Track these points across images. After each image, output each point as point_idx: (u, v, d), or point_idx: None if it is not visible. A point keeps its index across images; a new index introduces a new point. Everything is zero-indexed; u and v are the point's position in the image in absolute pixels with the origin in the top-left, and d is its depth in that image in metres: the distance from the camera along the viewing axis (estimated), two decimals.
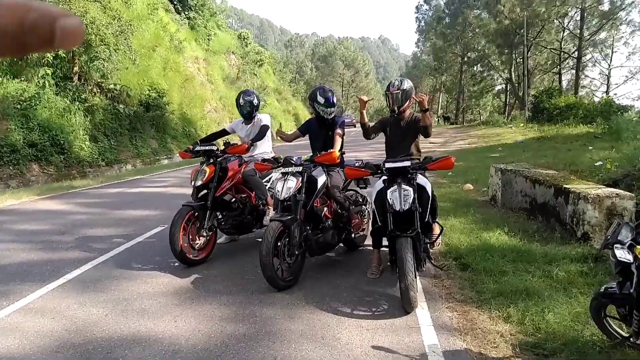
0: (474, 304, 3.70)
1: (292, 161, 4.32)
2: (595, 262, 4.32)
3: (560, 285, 3.89)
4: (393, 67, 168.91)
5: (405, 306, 3.52)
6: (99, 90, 15.62)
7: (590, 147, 11.31)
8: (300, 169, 4.19)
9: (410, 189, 3.68)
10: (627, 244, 2.29)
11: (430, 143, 23.48)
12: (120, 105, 16.15)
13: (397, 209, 3.64)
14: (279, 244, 3.91)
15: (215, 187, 4.76)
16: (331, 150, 4.36)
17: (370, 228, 5.03)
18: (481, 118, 51.27)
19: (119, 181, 11.68)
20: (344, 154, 4.95)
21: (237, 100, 5.41)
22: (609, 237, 2.45)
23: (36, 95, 12.61)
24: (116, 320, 3.45)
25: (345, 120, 5.25)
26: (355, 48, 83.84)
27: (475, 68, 47.87)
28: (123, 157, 15.40)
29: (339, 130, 4.69)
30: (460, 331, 3.29)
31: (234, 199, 5.04)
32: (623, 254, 2.25)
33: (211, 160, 4.87)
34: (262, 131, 5.26)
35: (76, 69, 14.65)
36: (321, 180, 4.27)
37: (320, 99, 4.68)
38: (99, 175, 13.26)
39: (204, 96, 24.41)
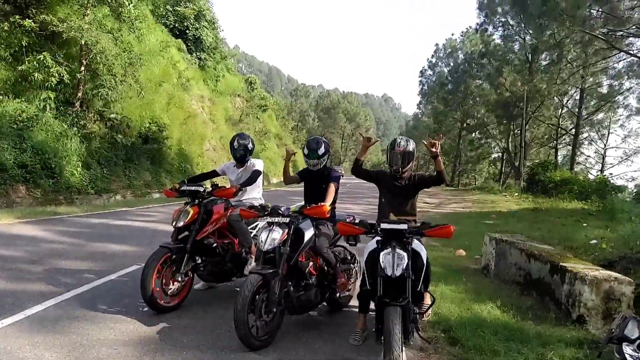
0: None
1: (280, 211, 4.07)
2: (592, 350, 4.05)
3: None
4: (394, 125, 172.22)
5: None
6: (99, 118, 15.60)
7: (584, 224, 11.20)
8: (287, 220, 3.95)
9: (405, 254, 3.45)
10: (637, 343, 2.07)
11: (424, 203, 23.43)
12: (119, 135, 16.09)
13: (389, 274, 3.40)
14: (256, 298, 3.62)
15: (197, 230, 4.53)
16: (322, 203, 4.13)
17: (357, 288, 4.75)
18: (476, 183, 51.70)
19: (104, 211, 11.38)
20: (335, 208, 4.71)
21: (232, 142, 5.29)
22: (613, 330, 2.24)
23: (34, 117, 12.55)
24: None
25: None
26: (358, 103, 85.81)
27: (473, 134, 48.79)
28: (114, 187, 15.15)
29: (333, 184, 4.49)
30: None
31: (215, 244, 4.76)
32: (634, 354, 2.02)
33: (196, 202, 4.67)
34: (254, 176, 5.11)
35: (79, 95, 14.68)
36: (309, 234, 4.05)
37: (306, 150, 4.52)
38: (86, 203, 12.95)
39: (204, 134, 24.52)
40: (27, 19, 12.92)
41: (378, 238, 3.67)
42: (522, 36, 35.43)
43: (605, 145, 41.15)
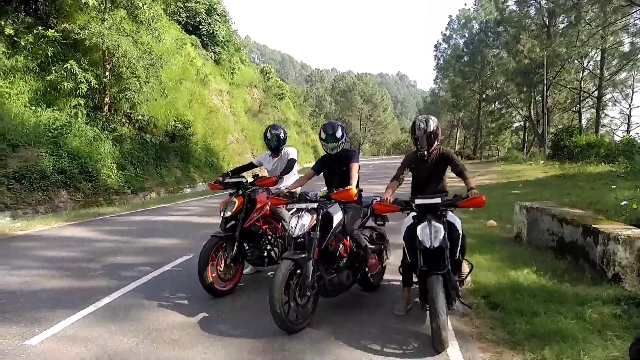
0: (507, 345, 3.64)
1: (308, 197, 4.20)
2: (630, 305, 4.23)
3: (594, 328, 3.81)
4: (411, 103, 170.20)
5: (436, 346, 3.47)
6: (127, 121, 16.11)
7: (613, 187, 11.14)
8: (315, 205, 4.04)
9: (441, 226, 3.69)
10: None
11: (449, 178, 23.41)
12: (147, 135, 16.59)
13: (428, 245, 3.64)
14: (290, 283, 3.76)
15: (243, 218, 4.84)
16: (348, 187, 4.10)
17: (388, 267, 5.15)
18: (499, 154, 51.00)
19: (144, 209, 11.88)
20: (362, 190, 4.72)
21: (265, 134, 5.54)
22: None
23: (67, 124, 13.07)
24: (147, 350, 3.49)
25: None
26: (373, 84, 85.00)
27: (493, 105, 47.98)
28: (148, 186, 15.69)
29: (354, 164, 4.41)
30: None
31: (261, 230, 5.07)
32: None
33: (240, 192, 4.98)
34: (290, 164, 5.37)
35: (107, 99, 15.17)
36: (337, 217, 4.11)
37: (322, 134, 4.49)
38: (125, 202, 13.51)
39: (227, 127, 24.91)
40: (49, 29, 13.39)
41: (414, 214, 3.91)
42: (537, 0, 34.55)
43: (630, 105, 40.10)
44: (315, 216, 3.96)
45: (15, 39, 12.99)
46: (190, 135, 19.10)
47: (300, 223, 3.92)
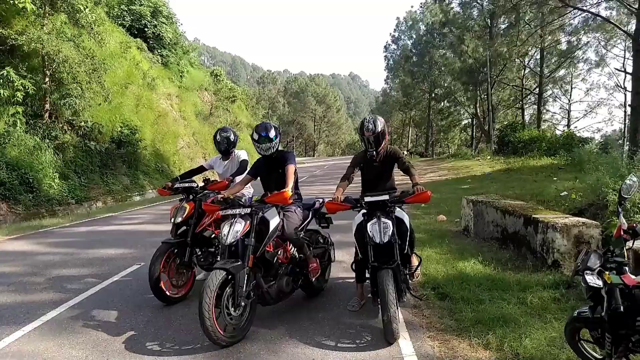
0: (454, 333, 3.79)
1: (241, 202, 4.11)
2: (567, 289, 4.50)
3: (535, 312, 4.04)
4: (363, 103, 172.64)
5: (388, 338, 3.57)
6: (70, 128, 15.43)
7: (555, 178, 11.79)
8: (249, 210, 3.87)
9: (389, 222, 3.79)
10: (596, 270, 2.43)
11: (402, 176, 23.94)
12: (92, 143, 15.96)
13: (377, 241, 3.73)
14: (222, 293, 3.52)
15: (195, 224, 4.77)
16: (283, 190, 3.94)
17: (340, 263, 5.33)
18: (450, 151, 52.72)
19: (89, 219, 11.42)
20: (299, 193, 4.65)
21: (215, 137, 5.49)
22: (579, 264, 2.58)
23: (5, 134, 12.40)
24: None
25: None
26: (326, 84, 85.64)
27: (442, 104, 49.62)
28: (93, 195, 15.08)
29: (290, 165, 4.30)
30: (442, 359, 3.36)
31: (213, 235, 5.00)
32: (593, 280, 2.39)
33: (191, 197, 4.91)
34: (243, 166, 5.32)
35: (47, 106, 14.48)
36: (274, 222, 3.96)
37: (255, 135, 4.32)
38: (69, 213, 12.92)
39: (177, 132, 24.35)
40: None
41: (364, 211, 4.00)
42: (479, 2, 35.99)
43: (569, 100, 42.48)
44: (249, 222, 3.79)
45: None
46: (138, 140, 18.53)
47: (233, 230, 3.73)
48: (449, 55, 43.98)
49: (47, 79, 14.16)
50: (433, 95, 48.94)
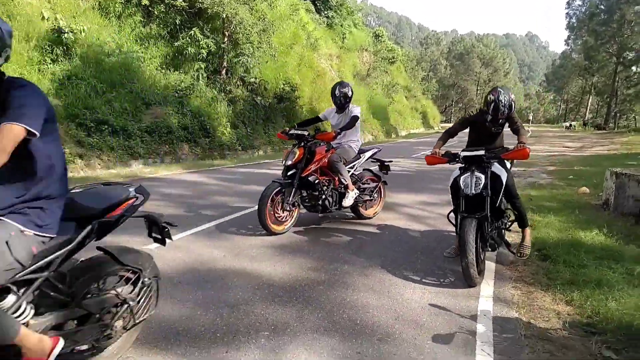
0: (541, 287, 3.93)
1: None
2: None
3: (638, 282, 3.89)
4: (540, 66, 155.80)
5: (467, 281, 3.87)
6: (241, 83, 17.62)
7: None
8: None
9: (483, 176, 3.97)
10: None
11: (564, 147, 21.84)
12: (258, 97, 18.02)
13: (468, 192, 3.99)
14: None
15: (302, 168, 5.31)
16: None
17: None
18: (636, 124, 45.35)
19: (249, 163, 13.26)
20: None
21: (333, 90, 5.80)
22: None
23: (191, 86, 14.82)
24: (230, 260, 4.42)
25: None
26: (495, 46, 79.35)
27: (632, 69, 42.43)
28: (257, 144, 17.20)
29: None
30: (518, 305, 3.59)
31: (317, 181, 5.45)
32: None
33: (302, 144, 5.41)
34: (352, 121, 5.64)
35: (224, 64, 16.73)
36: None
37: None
38: (235, 157, 15.08)
39: None
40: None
41: (460, 165, 4.24)
42: None
43: None
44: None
45: (149, 9, 14.90)
46: (297, 97, 20.21)
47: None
48: None
49: (225, 39, 16.31)
50: (621, 59, 42.10)
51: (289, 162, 5.30)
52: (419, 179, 10.59)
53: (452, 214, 4.45)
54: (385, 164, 6.46)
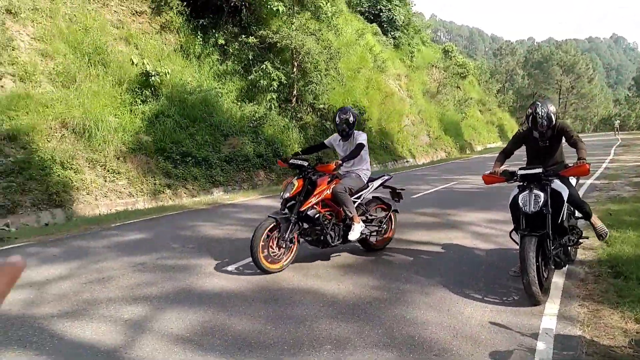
0: (610, 305, 3.86)
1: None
2: None
3: None
4: (628, 69, 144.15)
5: (530, 300, 3.89)
6: (311, 110, 18.34)
7: None
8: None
9: (542, 194, 3.99)
10: None
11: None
12: (327, 122, 18.60)
13: (526, 211, 4.03)
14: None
15: (301, 201, 4.97)
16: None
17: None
18: None
19: None
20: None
21: (334, 118, 5.55)
22: None
23: (264, 116, 15.74)
24: (298, 278, 4.80)
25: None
26: (577, 51, 74.82)
27: None
28: None
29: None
30: (583, 322, 3.57)
31: (318, 215, 5.10)
32: None
33: (302, 175, 5.11)
34: (356, 150, 5.34)
35: (294, 92, 17.56)
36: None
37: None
38: None
39: (402, 110, 25.77)
40: (250, 37, 16.18)
41: (519, 184, 4.30)
42: None
43: None
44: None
45: (225, 47, 16.13)
46: (366, 120, 20.57)
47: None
48: None
49: (294, 70, 17.16)
50: None
51: (287, 195, 5.00)
52: (488, 196, 10.42)
53: (514, 233, 4.50)
54: (397, 191, 6.00)
